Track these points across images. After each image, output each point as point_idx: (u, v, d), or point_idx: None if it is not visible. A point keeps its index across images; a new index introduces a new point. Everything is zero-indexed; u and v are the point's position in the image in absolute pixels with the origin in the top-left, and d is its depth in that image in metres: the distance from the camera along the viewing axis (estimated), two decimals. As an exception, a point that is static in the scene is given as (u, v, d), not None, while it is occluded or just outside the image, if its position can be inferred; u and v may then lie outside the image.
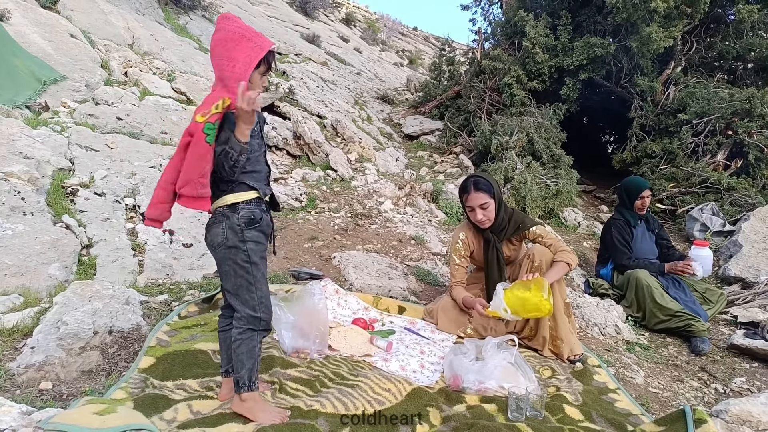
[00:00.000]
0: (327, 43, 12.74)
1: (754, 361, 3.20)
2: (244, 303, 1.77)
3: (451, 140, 7.68)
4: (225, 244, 1.75)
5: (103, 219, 3.39)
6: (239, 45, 1.69)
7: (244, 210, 1.76)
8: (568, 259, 2.80)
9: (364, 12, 23.88)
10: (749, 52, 7.00)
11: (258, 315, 1.78)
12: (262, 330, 1.82)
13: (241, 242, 1.75)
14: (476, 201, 2.85)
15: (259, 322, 1.79)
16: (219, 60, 1.71)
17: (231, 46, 1.69)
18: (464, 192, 2.93)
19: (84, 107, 4.55)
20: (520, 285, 2.60)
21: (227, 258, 1.76)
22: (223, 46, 1.70)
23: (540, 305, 2.53)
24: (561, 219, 5.75)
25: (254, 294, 1.77)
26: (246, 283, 1.76)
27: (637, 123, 6.92)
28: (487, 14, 9.23)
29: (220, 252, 1.77)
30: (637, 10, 6.09)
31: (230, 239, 1.74)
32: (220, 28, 1.73)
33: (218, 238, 1.76)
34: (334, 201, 4.86)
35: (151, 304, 2.76)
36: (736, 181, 5.83)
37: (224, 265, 1.78)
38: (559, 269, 2.77)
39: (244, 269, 1.76)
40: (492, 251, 2.96)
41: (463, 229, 3.08)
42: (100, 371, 2.14)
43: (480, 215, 2.87)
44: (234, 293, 1.79)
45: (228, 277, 1.78)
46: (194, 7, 9.13)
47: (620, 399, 2.46)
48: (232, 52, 1.69)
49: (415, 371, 2.51)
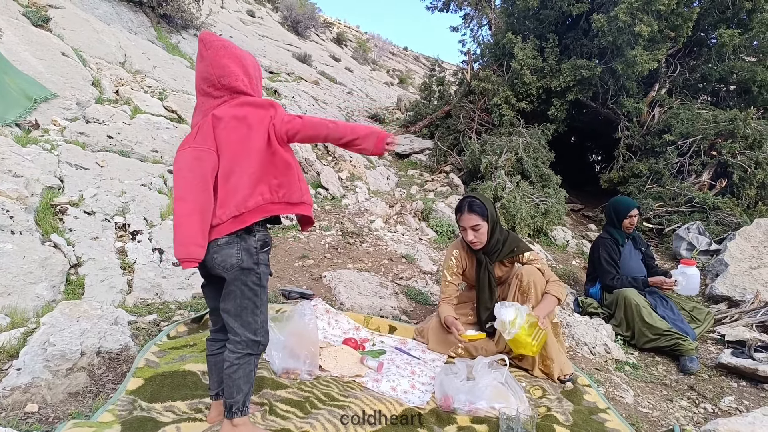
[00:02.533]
0: (318, 63, 12.87)
1: (742, 380, 3.22)
2: (245, 325, 1.74)
3: (441, 159, 7.75)
4: (240, 266, 1.71)
5: (93, 238, 3.37)
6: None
7: (259, 232, 1.76)
8: (558, 293, 2.82)
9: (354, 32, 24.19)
10: (731, 75, 7.19)
11: (258, 339, 1.76)
12: (259, 355, 1.80)
13: (256, 264, 1.73)
14: (468, 222, 2.88)
15: (258, 347, 1.77)
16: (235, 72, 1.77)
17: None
18: (458, 212, 2.96)
19: (75, 125, 4.55)
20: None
21: (237, 279, 1.72)
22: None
23: (528, 347, 2.61)
24: (550, 238, 5.79)
25: (258, 317, 1.75)
26: (252, 306, 1.74)
27: (624, 143, 7.05)
28: (476, 36, 9.43)
29: (233, 273, 1.71)
30: (622, 33, 6.25)
31: (245, 261, 1.71)
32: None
33: (232, 260, 1.70)
34: (325, 219, 4.86)
35: (139, 324, 2.74)
36: (721, 201, 5.93)
37: (231, 285, 1.73)
38: (549, 303, 2.79)
39: (253, 291, 1.74)
40: (484, 272, 2.97)
41: (457, 246, 3.10)
42: (87, 393, 2.11)
43: (471, 236, 2.89)
44: (236, 314, 1.74)
45: (233, 298, 1.73)
46: (186, 26, 9.19)
47: (610, 419, 2.47)
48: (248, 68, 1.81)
49: (406, 391, 2.50)
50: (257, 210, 1.72)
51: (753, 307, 4.03)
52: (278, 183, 1.75)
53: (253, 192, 1.71)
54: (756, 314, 3.86)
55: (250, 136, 1.71)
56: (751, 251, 4.88)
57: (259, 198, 1.72)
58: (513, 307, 2.62)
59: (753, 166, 6.04)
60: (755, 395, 3.06)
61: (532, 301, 2.81)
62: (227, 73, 1.75)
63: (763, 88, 7.02)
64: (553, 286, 2.84)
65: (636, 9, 6.05)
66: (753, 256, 4.81)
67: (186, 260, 1.63)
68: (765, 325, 3.72)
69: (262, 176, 1.73)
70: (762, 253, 4.84)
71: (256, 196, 1.71)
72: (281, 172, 1.75)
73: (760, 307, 3.99)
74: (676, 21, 6.36)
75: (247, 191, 1.70)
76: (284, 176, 1.76)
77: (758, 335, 3.61)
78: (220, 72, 1.74)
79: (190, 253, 1.63)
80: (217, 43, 1.76)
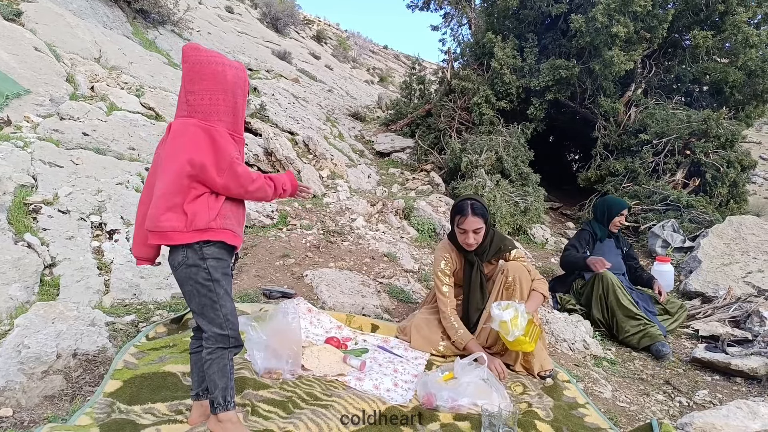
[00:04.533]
0: (298, 60, 12.78)
1: (715, 374, 3.31)
2: (210, 322, 1.75)
3: (422, 158, 7.78)
4: (185, 263, 1.72)
5: (68, 237, 3.30)
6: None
7: None
8: (544, 290, 2.86)
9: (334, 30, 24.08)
10: (704, 76, 7.36)
11: (225, 332, 1.75)
12: (233, 347, 1.79)
13: (201, 260, 1.72)
14: (472, 225, 2.84)
15: (227, 340, 1.76)
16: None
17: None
18: (460, 214, 2.88)
19: (48, 122, 4.44)
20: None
21: (188, 277, 1.73)
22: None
23: (527, 344, 2.63)
24: (529, 236, 5.86)
25: (219, 312, 1.74)
26: (210, 302, 1.74)
27: (601, 142, 7.16)
28: (457, 35, 9.47)
29: (181, 271, 1.73)
30: (600, 34, 6.35)
31: (190, 258, 1.71)
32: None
33: (178, 257, 1.73)
34: (306, 218, 4.84)
35: (117, 325, 2.69)
36: (694, 199, 6.08)
37: (186, 285, 1.75)
38: (536, 300, 2.82)
39: (206, 287, 1.73)
40: (476, 274, 2.97)
41: (446, 248, 3.05)
42: (63, 396, 2.07)
43: (471, 239, 2.87)
44: (200, 313, 1.76)
45: (192, 297, 1.75)
46: (164, 21, 9.04)
47: (589, 414, 2.51)
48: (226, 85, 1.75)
49: (389, 390, 2.51)
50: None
51: (725, 302, 4.14)
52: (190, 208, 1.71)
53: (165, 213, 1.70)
54: (728, 309, 3.96)
55: (175, 158, 1.68)
56: (723, 248, 5.02)
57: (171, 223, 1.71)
58: (512, 307, 2.61)
59: (725, 165, 6.20)
60: (728, 388, 3.15)
61: (517, 297, 2.83)
62: (195, 90, 1.72)
63: (734, 89, 7.21)
64: (539, 283, 2.87)
65: (613, 10, 6.16)
66: (725, 253, 4.95)
67: (137, 258, 1.85)
68: (737, 320, 3.82)
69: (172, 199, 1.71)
70: (734, 250, 4.97)
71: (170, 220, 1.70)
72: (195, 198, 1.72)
73: (732, 302, 4.10)
74: (651, 22, 6.49)
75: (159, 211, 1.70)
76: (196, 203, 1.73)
77: (730, 330, 3.71)
78: (189, 87, 1.73)
79: (137, 252, 1.83)
80: (193, 58, 1.72)
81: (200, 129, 1.69)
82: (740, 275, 4.62)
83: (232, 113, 1.77)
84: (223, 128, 1.73)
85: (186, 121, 1.72)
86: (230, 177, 1.71)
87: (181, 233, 1.68)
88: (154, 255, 1.87)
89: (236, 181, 1.72)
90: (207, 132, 1.70)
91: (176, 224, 1.68)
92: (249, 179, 1.75)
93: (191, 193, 1.70)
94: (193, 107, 1.72)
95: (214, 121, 1.72)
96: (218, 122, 1.73)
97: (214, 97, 1.72)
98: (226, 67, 1.75)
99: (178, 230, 1.68)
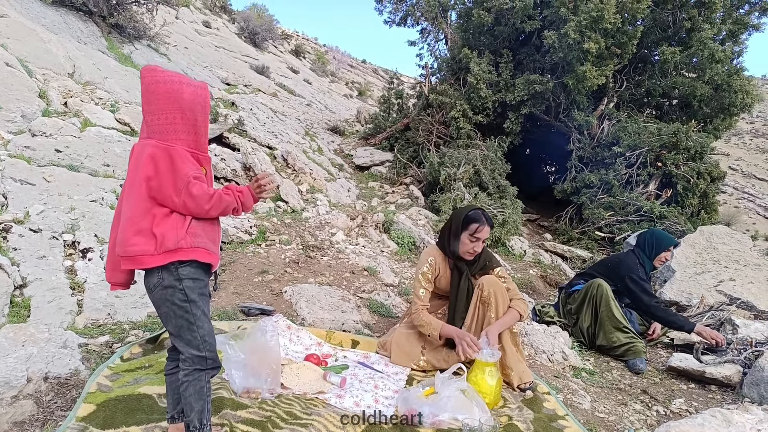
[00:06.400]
0: (276, 74, 12.79)
1: (691, 382, 3.37)
2: (187, 343, 1.72)
3: (401, 171, 7.82)
4: (161, 284, 1.70)
5: (39, 257, 3.22)
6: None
7: None
8: (522, 309, 2.89)
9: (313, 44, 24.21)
10: (673, 90, 7.59)
11: (203, 354, 1.73)
12: (210, 369, 1.76)
13: (177, 281, 1.70)
14: (485, 234, 2.90)
15: (205, 362, 1.74)
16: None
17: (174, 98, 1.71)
18: (476, 222, 2.90)
19: (19, 139, 4.35)
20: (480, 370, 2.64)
21: (165, 299, 1.71)
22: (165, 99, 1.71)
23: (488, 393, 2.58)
24: (508, 248, 5.92)
25: (196, 333, 1.72)
26: (186, 323, 1.71)
27: (576, 155, 7.31)
28: (434, 50, 9.58)
29: (157, 293, 1.71)
30: (572, 50, 6.50)
31: (165, 279, 1.69)
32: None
33: (153, 279, 1.71)
34: (285, 233, 4.81)
35: (90, 346, 2.62)
36: (667, 210, 6.23)
37: (162, 306, 1.73)
38: (512, 317, 2.86)
39: (182, 309, 1.71)
40: (465, 282, 3.00)
41: (432, 252, 3.07)
42: (34, 422, 2.00)
43: (479, 248, 2.93)
44: (176, 335, 1.73)
45: (168, 318, 1.73)
46: (139, 36, 8.97)
47: (569, 425, 2.53)
48: (182, 103, 1.72)
49: (370, 406, 2.49)
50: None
51: (699, 311, 4.23)
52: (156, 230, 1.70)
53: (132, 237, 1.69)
54: (701, 318, 4.05)
55: (135, 181, 1.69)
56: (695, 257, 5.13)
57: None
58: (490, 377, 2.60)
59: (695, 177, 6.37)
60: (703, 396, 3.21)
61: (492, 312, 2.85)
62: (151, 110, 1.72)
63: (702, 103, 7.44)
64: (518, 302, 2.91)
65: (584, 27, 6.32)
66: (697, 263, 5.06)
67: (110, 283, 1.84)
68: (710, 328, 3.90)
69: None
70: (705, 260, 5.09)
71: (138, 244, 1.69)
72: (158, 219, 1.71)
73: (705, 311, 4.19)
74: (621, 39, 6.68)
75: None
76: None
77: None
78: (146, 108, 1.73)
79: (110, 278, 1.82)
80: (148, 79, 1.72)
81: (158, 149, 1.68)
82: (712, 284, 4.72)
83: (192, 131, 1.75)
84: (183, 147, 1.72)
85: (145, 143, 1.71)
86: (186, 197, 1.68)
87: (152, 256, 1.66)
88: (128, 280, 1.84)
89: (193, 202, 1.70)
90: (165, 152, 1.68)
91: (146, 248, 1.66)
92: (205, 198, 1.71)
93: (157, 215, 1.68)
94: (151, 127, 1.71)
95: (172, 140, 1.71)
96: (177, 141, 1.71)
97: (170, 116, 1.71)
98: (183, 85, 1.73)
99: (148, 254, 1.66)
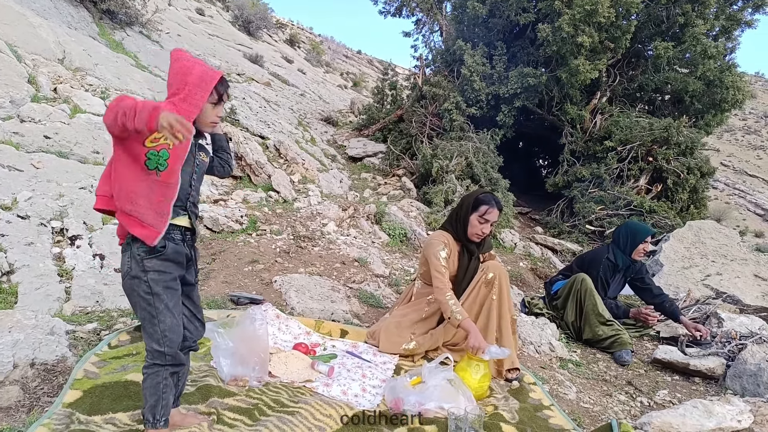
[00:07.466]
0: (270, 64, 12.70)
1: (675, 374, 3.42)
2: (149, 336, 1.71)
3: (394, 163, 7.81)
4: (129, 274, 1.70)
5: (27, 243, 3.20)
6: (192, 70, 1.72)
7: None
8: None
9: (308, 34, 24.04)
10: (666, 85, 7.62)
11: (162, 349, 1.70)
12: (169, 365, 1.74)
13: (143, 272, 1.68)
14: (494, 217, 2.96)
15: (164, 357, 1.71)
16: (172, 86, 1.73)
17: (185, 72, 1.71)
18: (485, 204, 2.93)
19: (8, 124, 4.30)
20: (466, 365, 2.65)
21: (132, 289, 1.71)
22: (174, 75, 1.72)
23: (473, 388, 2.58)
24: (499, 240, 5.95)
25: (157, 327, 1.70)
26: (149, 316, 1.70)
27: (568, 149, 7.33)
28: (428, 42, 9.55)
29: (126, 282, 1.71)
30: (566, 43, 6.50)
31: (133, 269, 1.69)
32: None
33: (124, 268, 1.71)
34: (276, 223, 4.80)
35: (78, 333, 2.62)
36: (657, 204, 6.27)
37: (131, 296, 1.72)
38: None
39: (146, 301, 1.69)
40: (473, 263, 3.05)
41: (441, 236, 3.04)
42: (20, 407, 2.00)
43: (487, 230, 2.98)
44: (142, 326, 1.74)
45: (136, 309, 1.74)
46: (131, 23, 8.86)
47: (554, 415, 2.56)
48: (187, 77, 1.70)
49: (357, 395, 2.51)
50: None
51: (685, 305, 4.28)
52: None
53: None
54: (688, 312, 4.09)
55: None
56: (683, 252, 5.19)
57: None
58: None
59: (685, 172, 6.42)
60: (687, 388, 3.26)
61: (495, 295, 2.92)
62: (168, 83, 1.76)
63: (694, 98, 7.48)
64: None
65: (578, 21, 6.32)
66: (685, 257, 5.11)
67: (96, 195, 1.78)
68: (696, 321, 3.95)
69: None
70: (693, 254, 5.15)
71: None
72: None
73: (691, 304, 4.24)
74: (615, 33, 6.68)
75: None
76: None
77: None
78: (169, 81, 1.76)
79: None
80: (173, 57, 1.76)
81: None
82: (699, 278, 4.78)
83: (184, 101, 1.70)
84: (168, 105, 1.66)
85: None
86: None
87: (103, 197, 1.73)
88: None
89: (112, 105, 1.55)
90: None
91: (105, 188, 1.72)
92: (117, 100, 1.56)
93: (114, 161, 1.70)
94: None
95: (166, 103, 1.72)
96: (168, 103, 1.69)
97: (176, 88, 1.72)
98: (197, 65, 1.74)
99: (107, 194, 1.72)
